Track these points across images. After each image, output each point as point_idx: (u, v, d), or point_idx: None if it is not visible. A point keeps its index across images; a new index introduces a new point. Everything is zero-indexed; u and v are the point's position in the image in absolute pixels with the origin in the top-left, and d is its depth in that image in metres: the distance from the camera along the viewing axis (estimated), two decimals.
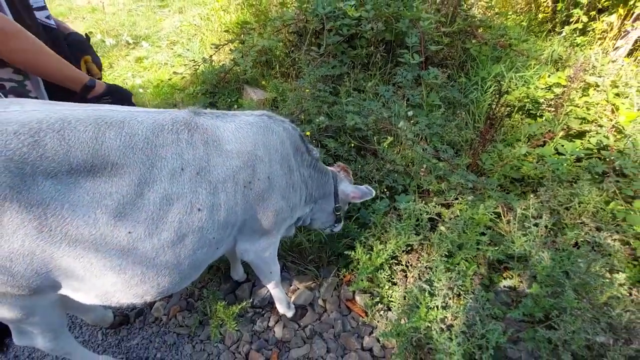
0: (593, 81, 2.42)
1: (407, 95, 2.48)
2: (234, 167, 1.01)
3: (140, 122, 0.89)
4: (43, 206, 0.75)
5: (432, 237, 1.64)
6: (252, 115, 1.15)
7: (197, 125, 0.98)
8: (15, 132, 0.73)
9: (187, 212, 0.92)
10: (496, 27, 3.24)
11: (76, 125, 0.79)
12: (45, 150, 0.75)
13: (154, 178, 0.87)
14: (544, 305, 1.37)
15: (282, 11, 3.36)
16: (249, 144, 1.06)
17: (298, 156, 1.31)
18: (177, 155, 0.91)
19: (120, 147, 0.83)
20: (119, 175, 0.83)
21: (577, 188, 1.82)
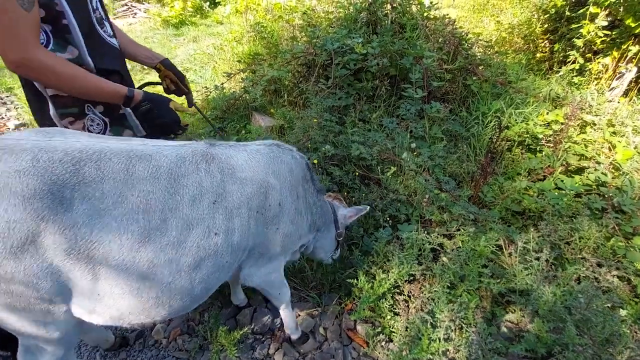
0: (590, 119, 2.51)
1: (410, 127, 2.57)
2: (247, 194, 1.08)
3: (165, 155, 0.97)
4: (75, 229, 0.80)
5: (434, 267, 1.66)
6: (262, 145, 1.23)
7: (213, 155, 1.06)
8: (61, 159, 0.81)
9: (205, 237, 0.98)
10: (496, 65, 3.39)
11: (111, 157, 0.88)
12: (84, 177, 0.82)
13: (177, 205, 0.94)
14: (546, 341, 1.37)
15: (292, 44, 3.54)
16: (261, 171, 1.13)
17: (305, 184, 1.37)
18: (197, 184, 0.99)
19: (148, 178, 0.91)
20: (145, 202, 0.89)
21: (577, 223, 1.85)
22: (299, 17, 4.06)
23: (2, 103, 4.03)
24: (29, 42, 0.89)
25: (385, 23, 3.26)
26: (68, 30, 0.99)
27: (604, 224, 1.87)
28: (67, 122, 1.06)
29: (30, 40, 0.89)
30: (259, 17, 4.94)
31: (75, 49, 1.01)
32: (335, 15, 3.78)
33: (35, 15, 0.89)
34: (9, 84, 4.37)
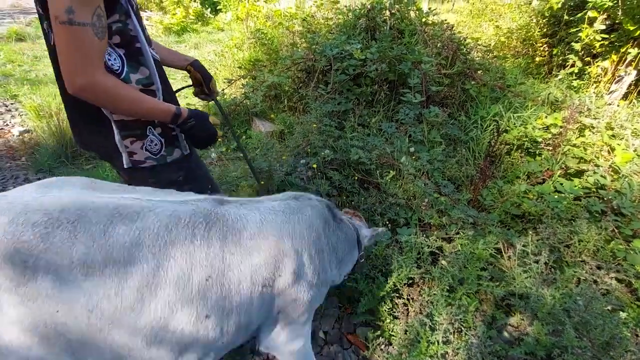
0: (589, 123, 2.52)
1: (409, 131, 2.59)
2: (252, 266, 0.91)
3: (157, 214, 0.83)
4: (38, 302, 0.71)
5: (434, 271, 1.67)
6: (277, 201, 1.07)
7: (218, 217, 0.90)
8: (35, 222, 0.73)
9: (193, 321, 0.82)
10: (494, 69, 3.42)
11: (91, 216, 0.76)
12: (53, 243, 0.72)
13: (158, 282, 0.78)
14: (545, 344, 1.37)
15: (292, 51, 3.58)
16: (272, 236, 0.96)
17: (327, 228, 1.20)
18: (187, 255, 0.82)
19: (127, 245, 0.77)
20: (120, 275, 0.76)
21: (577, 226, 1.85)
22: (298, 23, 4.11)
23: (7, 110, 4.08)
24: (97, 68, 0.92)
25: (384, 29, 3.30)
26: (141, 53, 1.03)
27: (604, 226, 1.87)
28: (128, 142, 1.08)
29: (98, 66, 0.92)
30: (259, 23, 5.01)
31: (146, 69, 1.05)
32: (334, 21, 3.82)
33: (105, 42, 0.93)
34: (13, 92, 4.43)
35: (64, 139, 3.04)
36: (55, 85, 4.90)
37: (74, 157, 3.07)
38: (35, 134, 3.37)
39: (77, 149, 3.09)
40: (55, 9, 0.83)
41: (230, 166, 2.70)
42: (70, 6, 0.82)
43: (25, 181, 2.82)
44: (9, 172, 2.93)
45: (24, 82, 4.65)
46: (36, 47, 6.71)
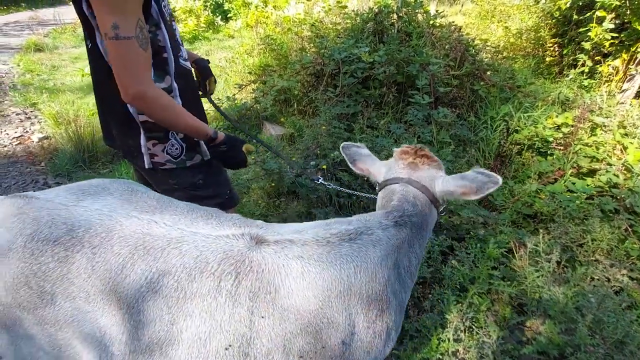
0: (600, 121, 2.50)
1: (417, 133, 2.61)
2: (286, 333, 0.71)
3: (182, 254, 0.71)
4: (56, 327, 0.68)
5: (444, 269, 1.67)
6: (328, 245, 0.79)
7: (252, 265, 0.72)
8: (56, 240, 0.69)
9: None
10: (504, 70, 3.41)
11: (114, 244, 0.70)
12: (70, 270, 0.68)
13: (170, 340, 0.67)
14: (558, 343, 1.36)
15: (301, 55, 3.64)
16: (315, 298, 0.73)
17: (400, 257, 0.89)
18: (208, 315, 0.68)
19: (143, 288, 0.68)
20: (132, 322, 0.68)
21: (589, 225, 1.84)
22: (307, 29, 4.18)
23: (26, 117, 4.24)
24: (146, 78, 0.97)
25: (391, 32, 3.33)
26: (167, 63, 1.08)
27: (617, 225, 1.85)
28: (151, 144, 1.14)
29: (147, 76, 0.97)
30: (268, 30, 5.10)
31: (169, 77, 1.11)
32: (342, 26, 3.88)
33: (149, 53, 0.98)
34: (33, 100, 4.60)
35: (81, 144, 3.14)
36: (73, 93, 5.05)
37: (91, 161, 3.17)
38: (54, 140, 3.49)
39: (93, 153, 3.20)
40: (103, 27, 0.89)
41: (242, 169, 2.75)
42: (115, 22, 0.88)
43: (45, 185, 2.92)
44: (29, 177, 3.04)
45: (42, 90, 4.82)
46: (54, 57, 6.95)
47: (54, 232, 0.70)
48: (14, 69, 6.16)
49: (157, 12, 1.01)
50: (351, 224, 0.85)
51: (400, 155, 1.06)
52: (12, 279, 0.67)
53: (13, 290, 0.68)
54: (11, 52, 7.18)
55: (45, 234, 0.70)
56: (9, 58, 6.80)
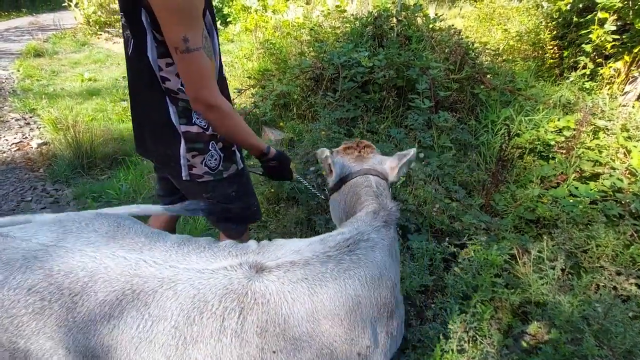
0: (602, 125, 2.47)
1: (418, 137, 2.58)
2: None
3: (177, 295, 0.65)
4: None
5: (447, 277, 1.64)
6: (328, 260, 0.76)
7: (256, 297, 0.67)
8: (31, 288, 0.61)
9: None
10: (504, 73, 3.40)
11: (98, 290, 0.63)
12: (46, 324, 0.60)
13: None
14: (564, 353, 1.33)
15: (300, 60, 3.63)
16: (325, 319, 0.70)
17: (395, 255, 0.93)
18: (215, 358, 0.63)
19: (134, 340, 0.62)
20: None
21: (593, 231, 1.81)
22: (306, 33, 4.17)
23: (25, 123, 4.23)
24: (216, 87, 0.99)
25: (391, 36, 3.32)
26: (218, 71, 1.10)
27: (622, 231, 1.82)
28: (190, 155, 1.13)
29: (216, 85, 1.00)
30: (268, 34, 5.09)
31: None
32: (341, 30, 3.87)
33: (214, 62, 1.01)
34: (32, 105, 4.59)
35: (80, 150, 3.13)
36: (72, 99, 5.05)
37: (89, 167, 3.15)
38: (53, 145, 3.48)
39: (92, 159, 3.18)
40: (173, 41, 0.91)
41: None
42: (185, 35, 0.89)
43: (43, 192, 2.90)
44: (28, 183, 3.03)
45: (42, 96, 4.81)
46: (54, 62, 6.96)
47: (29, 279, 0.62)
48: (14, 75, 6.16)
49: (210, 22, 1.02)
50: (345, 234, 0.84)
51: (345, 152, 1.13)
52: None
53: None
54: (11, 58, 7.19)
55: (18, 280, 0.62)
56: (9, 64, 6.81)
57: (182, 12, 0.87)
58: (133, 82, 1.13)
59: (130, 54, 1.06)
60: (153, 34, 0.97)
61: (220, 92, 1.05)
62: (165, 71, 1.03)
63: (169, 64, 1.02)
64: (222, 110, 1.01)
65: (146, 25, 0.96)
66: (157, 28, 0.94)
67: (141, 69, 1.04)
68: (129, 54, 1.07)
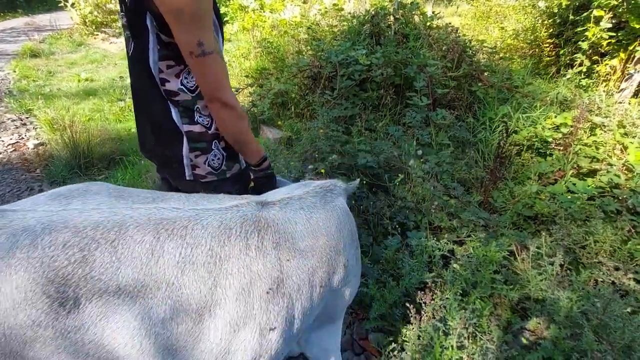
0: (599, 121, 2.48)
1: (416, 134, 2.59)
2: (309, 269, 0.86)
3: (204, 226, 0.76)
4: (82, 332, 0.64)
5: (445, 274, 1.64)
6: (316, 196, 0.97)
7: (268, 223, 0.83)
8: (65, 243, 0.64)
9: (256, 336, 0.76)
10: (501, 70, 3.40)
11: (133, 233, 0.69)
12: (93, 268, 0.65)
13: (217, 300, 0.72)
14: (563, 348, 1.33)
15: (298, 58, 3.62)
16: (322, 235, 0.91)
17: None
18: (246, 269, 0.76)
19: (179, 263, 0.70)
20: (174, 298, 0.69)
21: (591, 226, 1.81)
22: (304, 31, 4.16)
23: (22, 124, 4.20)
24: (230, 88, 1.01)
25: (388, 34, 3.32)
26: None
27: (620, 226, 1.83)
28: (193, 155, 1.12)
29: (229, 85, 1.01)
30: (265, 33, 5.08)
31: None
32: (339, 28, 3.86)
33: (225, 64, 1.01)
34: (28, 106, 4.56)
35: (77, 150, 3.11)
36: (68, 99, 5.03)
37: (86, 168, 3.14)
38: (50, 146, 3.46)
39: (89, 159, 3.16)
40: (188, 45, 0.91)
41: None
42: (200, 39, 0.90)
43: (40, 192, 2.88)
44: (25, 184, 3.01)
45: (38, 96, 4.79)
46: (50, 62, 6.92)
47: (59, 237, 0.65)
48: (10, 75, 6.13)
49: (216, 24, 1.02)
50: (318, 182, 1.06)
51: None
52: (23, 294, 0.61)
53: (27, 305, 0.61)
54: (7, 59, 7.15)
55: (49, 240, 0.64)
56: (5, 64, 6.77)
57: (195, 17, 0.87)
58: (135, 82, 1.12)
59: (131, 53, 1.05)
60: (158, 36, 0.96)
61: None
62: (166, 73, 1.02)
63: (170, 66, 1.01)
64: (237, 111, 1.03)
65: (150, 28, 0.95)
66: (164, 30, 0.94)
67: (142, 70, 1.03)
68: (129, 54, 1.06)
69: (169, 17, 0.88)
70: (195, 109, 1.09)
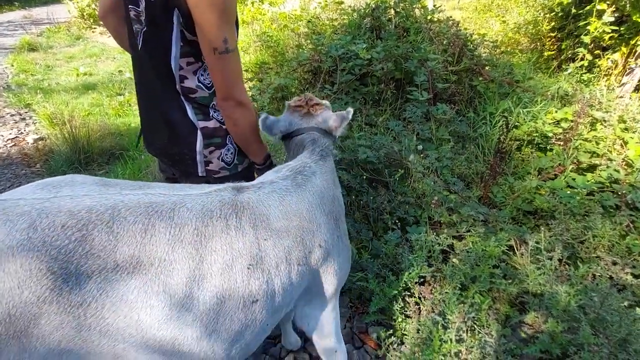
0: (600, 116, 2.48)
1: (416, 129, 2.58)
2: (285, 248, 0.92)
3: (189, 209, 0.82)
4: (84, 306, 0.68)
5: (445, 269, 1.66)
6: (288, 180, 1.03)
7: (244, 205, 0.90)
8: (64, 225, 0.68)
9: (240, 308, 0.84)
10: (502, 65, 3.39)
11: (126, 215, 0.74)
12: (92, 246, 0.69)
13: (204, 274, 0.79)
14: (561, 342, 1.35)
15: (298, 52, 3.60)
16: (294, 216, 0.96)
17: (337, 185, 1.20)
18: (228, 246, 0.83)
19: (170, 241, 0.77)
20: (166, 273, 0.75)
21: (590, 221, 1.82)
22: (303, 25, 4.13)
23: (21, 119, 4.19)
24: (243, 85, 1.02)
25: (389, 28, 3.29)
26: None
27: (618, 221, 1.84)
28: (208, 151, 1.12)
29: (243, 83, 1.02)
30: (264, 27, 5.04)
31: None
32: (339, 22, 3.84)
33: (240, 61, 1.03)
34: (27, 101, 4.54)
35: (76, 145, 3.11)
36: (67, 93, 5.00)
37: (86, 162, 3.14)
38: (49, 141, 3.46)
39: (89, 154, 3.16)
40: (213, 42, 0.91)
41: None
42: (225, 37, 0.91)
43: None
44: (25, 179, 3.01)
45: (37, 91, 4.76)
46: (48, 56, 6.87)
47: (56, 220, 0.68)
48: (8, 70, 6.09)
49: (236, 21, 1.03)
50: (292, 164, 1.09)
51: (294, 109, 1.26)
52: (28, 272, 0.64)
53: (32, 282, 0.64)
54: (5, 53, 7.10)
55: (47, 222, 0.67)
56: (3, 58, 6.73)
57: (225, 14, 0.88)
58: (142, 78, 1.11)
59: (139, 49, 1.03)
60: (182, 32, 0.96)
61: None
62: (185, 70, 1.02)
63: (190, 62, 1.01)
64: (249, 109, 1.04)
65: (176, 24, 0.94)
66: (188, 28, 0.93)
67: (156, 66, 1.02)
68: (137, 46, 1.04)
69: (199, 13, 0.87)
70: (211, 105, 1.09)
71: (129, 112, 4.22)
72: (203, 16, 0.87)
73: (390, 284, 1.66)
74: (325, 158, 1.16)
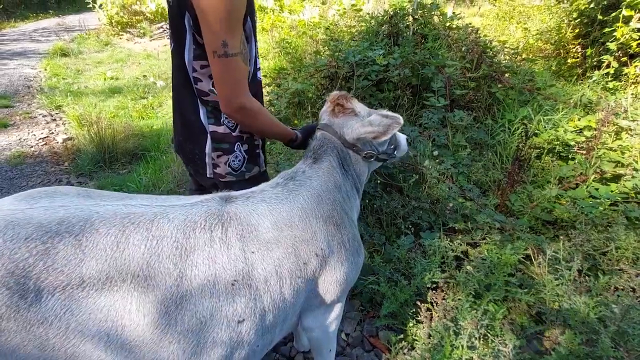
0: (626, 125, 2.39)
1: (432, 135, 2.57)
2: (275, 260, 0.85)
3: (170, 220, 0.77)
4: (45, 325, 0.63)
5: (458, 275, 1.64)
6: (279, 187, 0.99)
7: (231, 216, 0.85)
8: (28, 237, 0.64)
9: (224, 329, 0.76)
10: (523, 72, 3.33)
11: (99, 227, 0.69)
12: (55, 260, 0.64)
13: (183, 292, 0.72)
14: (579, 354, 1.31)
15: (315, 58, 3.66)
16: (285, 226, 0.90)
17: (339, 190, 1.09)
18: (210, 261, 0.77)
19: (145, 255, 0.71)
20: (140, 290, 0.69)
21: (613, 233, 1.76)
22: (322, 32, 4.19)
23: (52, 119, 4.42)
24: (247, 90, 1.03)
25: (406, 34, 3.30)
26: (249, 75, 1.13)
27: None
28: (215, 155, 1.16)
29: (247, 89, 1.04)
30: (284, 33, 5.15)
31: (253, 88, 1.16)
32: (357, 28, 3.87)
33: (248, 69, 1.04)
34: (58, 102, 4.79)
35: (102, 145, 3.25)
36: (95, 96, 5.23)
37: (111, 162, 3.27)
38: (77, 141, 3.62)
39: (114, 154, 3.30)
40: (212, 44, 0.94)
41: None
42: (225, 40, 0.92)
43: (68, 184, 3.03)
44: (53, 176, 3.17)
45: (67, 93, 5.02)
46: (78, 61, 7.23)
47: (21, 232, 0.65)
48: (42, 73, 6.44)
49: (250, 28, 1.04)
50: (284, 172, 1.07)
51: (328, 103, 1.22)
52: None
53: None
54: (39, 57, 7.52)
55: (11, 234, 0.64)
56: (37, 63, 7.12)
57: (225, 17, 0.90)
58: (173, 78, 1.17)
59: (172, 51, 1.11)
60: (194, 36, 1.00)
61: (253, 94, 1.07)
62: (199, 72, 1.06)
63: (204, 66, 1.04)
64: (251, 110, 1.04)
65: (187, 27, 0.99)
66: (199, 30, 0.97)
67: (178, 67, 1.08)
68: (172, 52, 1.11)
69: (201, 15, 0.92)
70: None
71: (152, 115, 4.38)
72: (204, 18, 0.91)
73: (402, 288, 1.65)
74: (318, 161, 1.09)
